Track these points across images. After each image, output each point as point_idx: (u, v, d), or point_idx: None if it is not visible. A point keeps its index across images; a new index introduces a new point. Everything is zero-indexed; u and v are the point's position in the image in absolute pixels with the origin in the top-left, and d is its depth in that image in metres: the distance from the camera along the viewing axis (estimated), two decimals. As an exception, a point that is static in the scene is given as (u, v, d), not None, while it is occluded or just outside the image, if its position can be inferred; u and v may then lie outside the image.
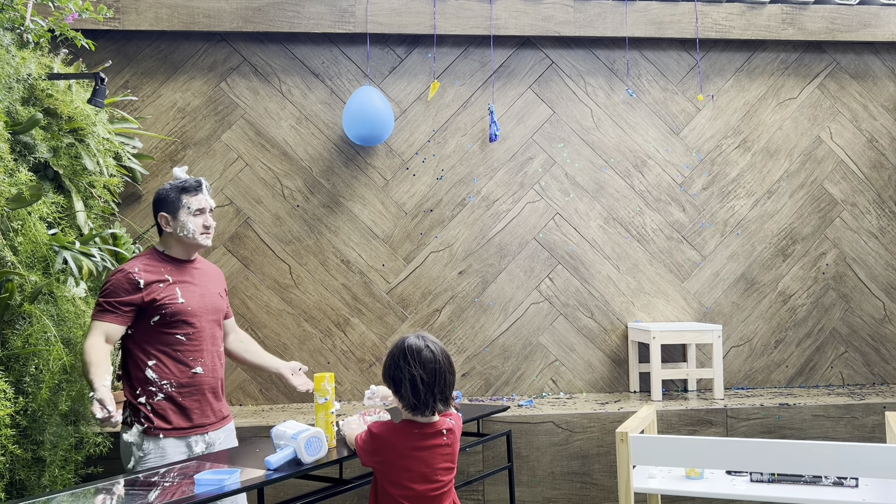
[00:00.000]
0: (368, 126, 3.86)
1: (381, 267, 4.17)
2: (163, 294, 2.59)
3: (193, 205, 2.67)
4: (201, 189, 2.71)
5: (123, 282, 2.56)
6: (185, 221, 2.66)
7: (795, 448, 2.58)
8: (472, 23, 4.15)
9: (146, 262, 2.65)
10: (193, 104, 4.11)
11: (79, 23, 3.67)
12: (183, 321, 2.62)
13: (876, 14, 4.35)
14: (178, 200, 2.67)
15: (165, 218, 2.68)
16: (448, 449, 2.16)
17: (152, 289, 2.58)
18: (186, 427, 2.60)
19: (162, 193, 2.69)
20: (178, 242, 2.70)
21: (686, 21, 4.27)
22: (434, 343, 2.16)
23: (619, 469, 2.77)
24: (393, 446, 2.11)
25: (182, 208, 2.66)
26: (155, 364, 2.58)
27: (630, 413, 3.64)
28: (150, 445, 2.53)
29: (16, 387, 2.48)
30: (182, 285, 2.66)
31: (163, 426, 2.55)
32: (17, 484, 2.51)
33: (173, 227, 2.67)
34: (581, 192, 4.30)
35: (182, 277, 2.68)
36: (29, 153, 2.89)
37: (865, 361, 4.41)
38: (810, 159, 4.43)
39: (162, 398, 2.57)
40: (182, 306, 2.62)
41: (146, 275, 2.59)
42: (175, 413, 2.58)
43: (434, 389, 2.11)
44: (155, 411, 2.55)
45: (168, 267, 2.67)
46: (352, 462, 2.45)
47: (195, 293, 2.68)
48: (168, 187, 2.70)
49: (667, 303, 4.32)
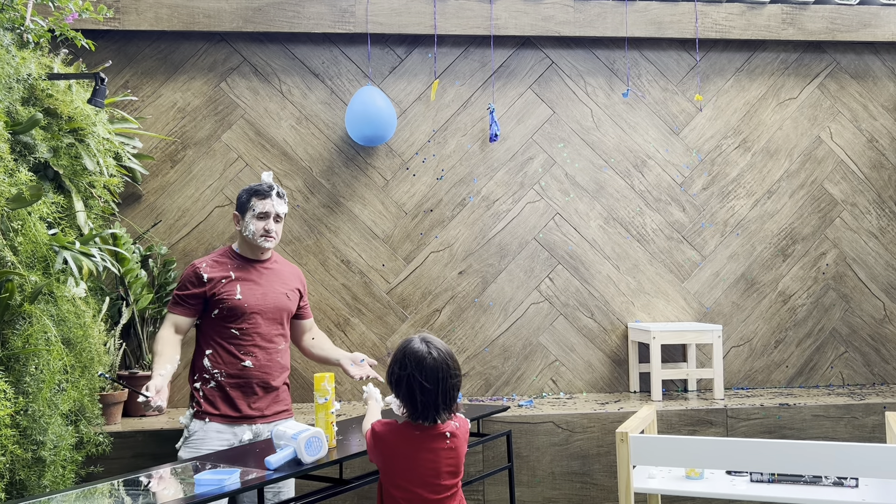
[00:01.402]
0: (372, 126, 3.87)
1: (381, 267, 4.17)
2: (223, 290, 2.79)
3: (258, 208, 2.84)
4: (270, 195, 2.86)
5: (191, 276, 2.81)
6: (249, 223, 2.84)
7: (795, 448, 2.58)
8: (473, 23, 4.15)
9: (216, 258, 2.88)
10: (193, 104, 4.11)
11: (79, 23, 3.67)
12: (238, 316, 2.79)
13: (876, 14, 4.35)
14: (248, 202, 2.86)
15: (237, 217, 2.89)
16: (452, 453, 2.12)
17: (214, 284, 2.79)
18: (233, 416, 2.76)
19: (240, 194, 2.91)
20: (245, 242, 2.89)
21: (686, 21, 4.27)
22: (439, 349, 2.10)
23: (619, 469, 2.77)
24: (394, 446, 2.10)
25: (249, 210, 2.85)
26: (211, 353, 2.79)
27: (630, 413, 3.65)
28: (197, 427, 2.74)
29: (16, 387, 2.48)
30: (244, 283, 2.83)
31: (210, 411, 2.75)
32: (17, 484, 2.51)
33: (241, 226, 2.87)
34: (581, 192, 4.30)
35: (247, 275, 2.86)
36: (29, 153, 2.89)
37: (865, 361, 4.41)
38: (810, 159, 4.43)
39: (213, 386, 2.77)
40: (239, 302, 2.79)
41: (212, 270, 2.82)
42: (223, 401, 2.77)
43: (437, 399, 2.07)
44: (206, 397, 2.76)
45: (235, 264, 2.87)
46: (352, 462, 2.46)
47: (257, 292, 2.85)
48: (244, 190, 2.90)
49: (667, 303, 4.32)
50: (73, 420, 2.90)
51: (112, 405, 3.52)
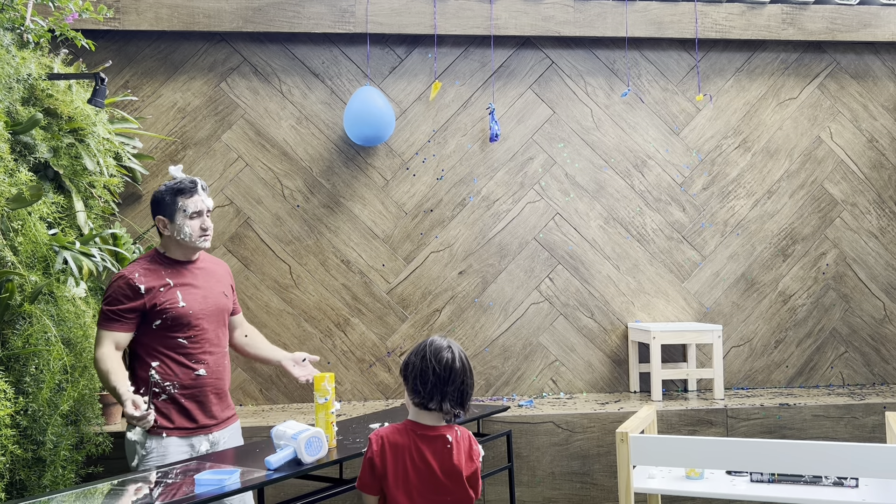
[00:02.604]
0: (371, 126, 3.87)
1: (381, 267, 4.17)
2: (163, 298, 2.56)
3: (190, 207, 2.61)
4: (196, 190, 2.64)
5: (125, 288, 2.54)
6: (182, 225, 2.60)
7: (795, 448, 2.58)
8: (473, 23, 4.15)
9: (146, 265, 2.61)
10: (193, 104, 4.11)
11: (79, 23, 3.67)
12: (185, 324, 2.59)
13: (876, 14, 4.35)
14: (173, 203, 2.61)
15: (163, 221, 2.63)
16: (450, 462, 2.06)
17: (153, 294, 2.55)
18: (189, 427, 2.59)
19: (157, 196, 2.64)
20: (178, 245, 2.65)
21: (686, 21, 4.27)
22: (460, 351, 2.12)
23: (619, 469, 2.77)
24: (392, 446, 2.09)
25: (178, 211, 2.61)
26: (158, 366, 2.56)
27: (630, 413, 3.65)
28: (153, 444, 2.52)
29: (16, 387, 2.48)
30: (183, 288, 2.62)
31: (166, 425, 2.54)
32: (17, 484, 2.51)
33: (171, 230, 2.62)
34: (581, 192, 4.30)
35: (183, 280, 2.64)
36: (29, 153, 2.89)
37: (865, 361, 4.41)
38: (810, 159, 4.43)
39: (165, 399, 2.56)
40: (183, 310, 2.59)
41: (146, 280, 2.56)
42: (178, 413, 2.57)
43: (446, 387, 2.05)
44: (158, 411, 2.54)
45: (169, 270, 2.63)
46: (352, 462, 2.45)
47: (197, 295, 2.65)
48: (164, 189, 2.64)
49: (667, 303, 4.32)
50: (73, 420, 2.89)
51: (112, 405, 3.52)
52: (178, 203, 2.61)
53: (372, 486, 2.10)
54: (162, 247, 2.69)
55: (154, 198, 2.65)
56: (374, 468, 2.09)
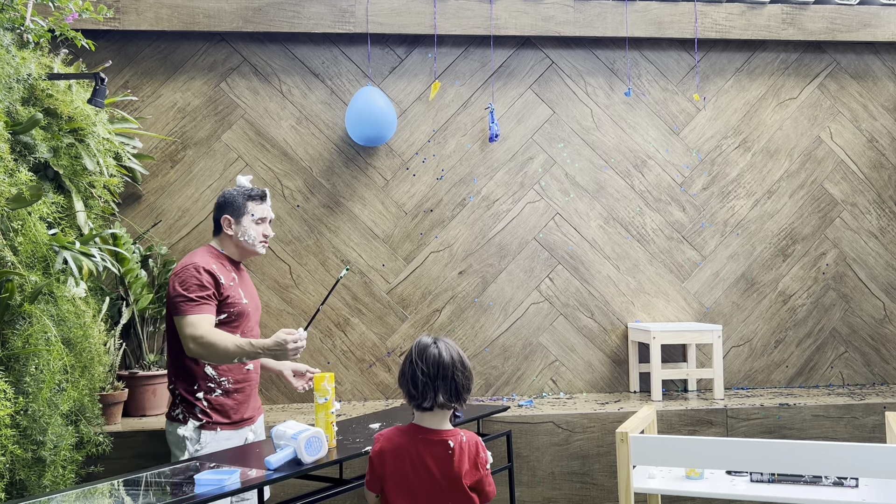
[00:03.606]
0: (373, 126, 3.87)
1: (381, 267, 4.17)
2: (232, 293, 2.71)
3: (257, 213, 2.78)
4: (266, 199, 2.83)
5: (207, 276, 2.63)
6: (248, 228, 2.76)
7: (795, 448, 2.58)
8: (473, 23, 4.15)
9: (214, 260, 2.73)
10: (193, 104, 4.11)
11: (79, 23, 3.67)
12: (243, 321, 2.74)
13: (876, 14, 4.35)
14: (244, 206, 2.77)
15: (229, 220, 2.77)
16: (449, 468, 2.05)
17: (225, 287, 2.68)
18: (239, 420, 2.72)
19: (229, 197, 2.79)
20: (237, 246, 2.80)
21: (686, 21, 4.27)
22: (447, 344, 2.11)
23: (619, 469, 2.77)
24: (393, 447, 2.09)
25: (246, 214, 2.77)
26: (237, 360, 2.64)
27: (630, 413, 3.64)
28: (208, 438, 2.64)
29: (16, 387, 2.48)
30: (241, 286, 2.78)
31: (220, 420, 2.67)
32: (17, 484, 2.51)
33: (235, 230, 2.77)
34: (581, 192, 4.30)
35: (239, 278, 2.80)
36: (29, 153, 2.89)
37: (865, 361, 4.41)
38: (810, 159, 4.43)
39: (220, 394, 2.68)
40: (245, 307, 2.75)
41: (220, 272, 2.69)
42: (231, 408, 2.70)
43: (436, 382, 2.05)
44: (212, 406, 2.66)
45: (230, 266, 2.78)
46: (352, 462, 2.45)
47: (249, 294, 2.82)
48: (235, 192, 2.80)
49: (667, 303, 4.32)
50: (73, 420, 2.89)
51: (112, 405, 3.52)
52: (248, 207, 2.78)
53: (373, 484, 2.12)
54: (218, 244, 2.82)
55: (224, 198, 2.80)
56: (374, 468, 2.10)
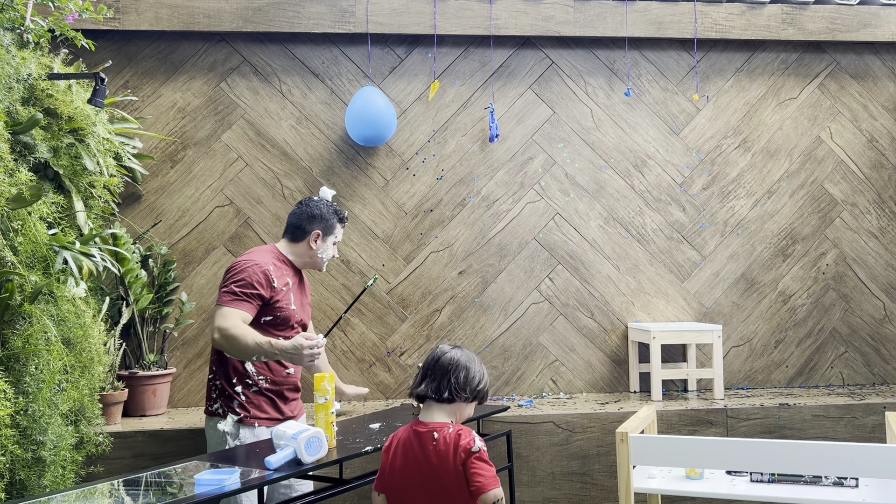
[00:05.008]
0: (373, 126, 3.87)
1: (381, 267, 4.17)
2: (283, 297, 2.76)
3: (339, 236, 2.94)
4: (346, 223, 2.99)
5: (261, 276, 2.70)
6: (329, 248, 2.90)
7: (795, 448, 2.58)
8: (472, 23, 4.15)
9: (276, 262, 2.80)
10: (193, 104, 4.11)
11: (79, 23, 3.66)
12: (289, 326, 2.78)
13: (876, 14, 4.35)
14: (334, 227, 2.91)
15: (318, 235, 2.88)
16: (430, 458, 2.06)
17: (278, 290, 2.73)
18: (278, 418, 2.75)
19: (325, 213, 2.88)
20: (310, 258, 2.89)
21: (686, 21, 4.27)
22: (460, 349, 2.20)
23: (619, 469, 2.77)
24: (394, 439, 2.18)
25: (332, 235, 2.91)
26: (256, 359, 2.68)
27: (630, 413, 3.64)
28: (247, 433, 2.69)
29: (16, 387, 2.48)
30: (295, 293, 2.83)
31: (259, 415, 2.72)
32: (17, 484, 2.51)
33: (318, 246, 2.88)
34: (581, 192, 4.30)
35: (296, 285, 2.86)
36: (29, 153, 2.89)
37: (865, 361, 4.41)
38: (810, 159, 4.43)
39: (257, 391, 2.73)
40: (292, 313, 2.79)
41: (278, 277, 2.75)
42: (268, 405, 2.74)
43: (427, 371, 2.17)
44: (250, 401, 2.72)
45: (291, 272, 2.85)
46: (352, 462, 2.46)
47: (300, 302, 2.87)
48: (328, 210, 2.88)
49: (667, 303, 4.32)
50: (73, 420, 2.89)
51: (112, 405, 3.52)
52: (336, 228, 2.92)
53: (378, 481, 2.19)
54: (286, 248, 2.88)
55: (321, 212, 2.90)
56: (382, 463, 2.19)
